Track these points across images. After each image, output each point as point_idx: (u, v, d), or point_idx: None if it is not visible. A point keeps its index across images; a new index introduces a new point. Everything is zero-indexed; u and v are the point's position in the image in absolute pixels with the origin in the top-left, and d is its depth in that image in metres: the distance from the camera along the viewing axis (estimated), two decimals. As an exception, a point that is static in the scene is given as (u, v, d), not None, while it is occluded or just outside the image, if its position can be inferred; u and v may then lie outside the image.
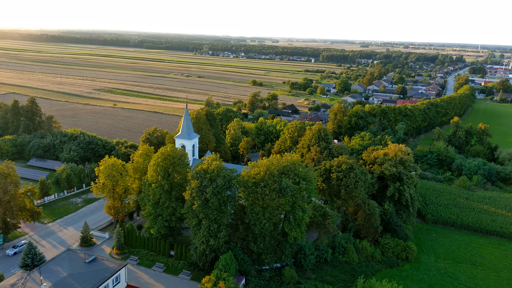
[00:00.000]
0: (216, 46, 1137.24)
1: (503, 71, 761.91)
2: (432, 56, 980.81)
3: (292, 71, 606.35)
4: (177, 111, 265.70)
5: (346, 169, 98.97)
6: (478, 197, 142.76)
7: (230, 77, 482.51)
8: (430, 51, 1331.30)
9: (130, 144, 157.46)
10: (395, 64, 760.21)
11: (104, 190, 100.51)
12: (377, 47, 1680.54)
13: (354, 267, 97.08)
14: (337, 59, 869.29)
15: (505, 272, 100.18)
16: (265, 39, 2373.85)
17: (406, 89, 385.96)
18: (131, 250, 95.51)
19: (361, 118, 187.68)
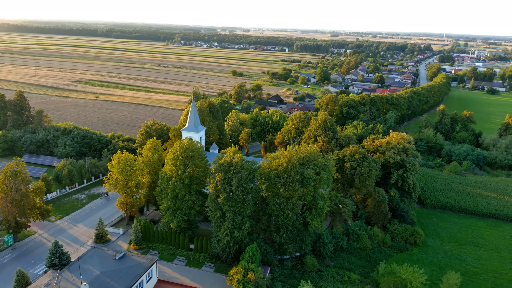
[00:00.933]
0: (188, 35, 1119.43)
1: (470, 59, 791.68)
2: (401, 45, 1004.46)
3: (268, 61, 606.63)
4: (162, 103, 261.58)
5: (359, 158, 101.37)
6: (470, 181, 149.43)
7: (208, 68, 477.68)
8: (398, 40, 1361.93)
9: (127, 138, 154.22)
10: (368, 53, 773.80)
11: (117, 185, 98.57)
12: (347, 36, 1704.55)
13: (368, 253, 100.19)
14: (311, 49, 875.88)
15: (506, 252, 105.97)
16: (235, 28, 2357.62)
17: (383, 78, 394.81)
18: (149, 245, 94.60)
19: (352, 107, 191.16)
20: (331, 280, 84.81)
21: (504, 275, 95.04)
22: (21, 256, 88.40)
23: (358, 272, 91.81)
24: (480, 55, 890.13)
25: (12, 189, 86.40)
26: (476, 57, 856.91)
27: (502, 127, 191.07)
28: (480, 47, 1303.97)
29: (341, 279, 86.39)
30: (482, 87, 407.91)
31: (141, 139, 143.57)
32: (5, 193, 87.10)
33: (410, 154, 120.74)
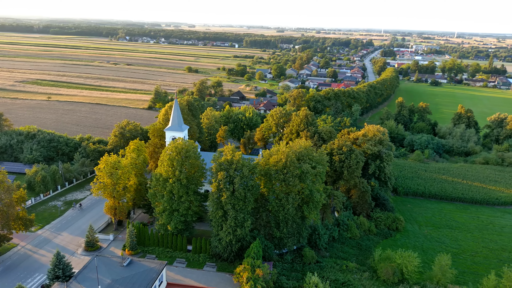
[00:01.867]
0: (132, 31, 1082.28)
1: (409, 53, 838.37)
2: (345, 41, 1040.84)
3: (221, 57, 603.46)
4: (121, 102, 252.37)
5: (347, 151, 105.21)
6: (434, 168, 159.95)
7: (161, 64, 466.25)
8: (341, 36, 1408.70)
9: (97, 140, 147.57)
10: (315, 49, 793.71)
11: (106, 190, 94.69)
12: (292, 32, 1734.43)
13: (358, 241, 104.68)
14: (260, 44, 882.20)
15: (477, 232, 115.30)
16: (180, 24, 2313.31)
17: (336, 73, 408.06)
18: (144, 249, 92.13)
19: (318, 102, 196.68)
20: (331, 270, 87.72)
21: (479, 253, 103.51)
22: (7, 271, 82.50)
23: (352, 260, 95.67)
24: (418, 49, 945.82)
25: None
26: (414, 51, 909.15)
27: (455, 117, 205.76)
28: (416, 41, 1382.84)
29: (340, 269, 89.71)
30: (425, 80, 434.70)
31: (114, 141, 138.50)
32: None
33: (385, 145, 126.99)
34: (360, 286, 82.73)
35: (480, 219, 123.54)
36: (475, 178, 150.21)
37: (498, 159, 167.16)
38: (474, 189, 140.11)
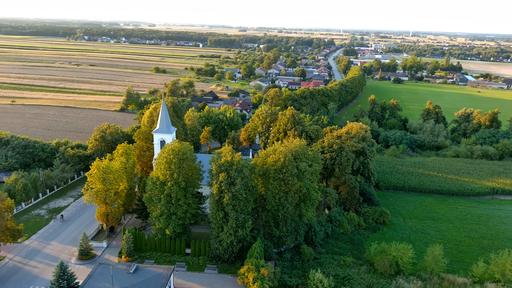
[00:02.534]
0: (90, 30, 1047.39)
1: (370, 52, 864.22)
2: (308, 40, 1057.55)
3: (187, 57, 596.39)
4: (91, 104, 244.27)
5: (337, 148, 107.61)
6: (409, 163, 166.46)
7: (126, 65, 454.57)
8: (303, 35, 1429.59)
9: (75, 144, 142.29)
10: (280, 48, 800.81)
11: (98, 196, 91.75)
12: (255, 31, 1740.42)
13: (350, 236, 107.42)
14: (224, 44, 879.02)
15: (458, 222, 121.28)
16: (140, 23, 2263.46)
17: (305, 72, 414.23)
18: (141, 255, 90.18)
19: (295, 101, 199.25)
20: (330, 266, 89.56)
21: (463, 242, 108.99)
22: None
23: (348, 255, 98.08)
24: (377, 48, 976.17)
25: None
26: (374, 49, 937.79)
27: (424, 113, 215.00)
28: (374, 40, 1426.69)
29: (338, 264, 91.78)
30: (388, 77, 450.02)
31: (94, 145, 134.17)
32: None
33: (368, 142, 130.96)
34: (359, 279, 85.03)
35: (458, 210, 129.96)
36: (449, 171, 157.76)
37: (468, 152, 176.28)
38: (449, 182, 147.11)
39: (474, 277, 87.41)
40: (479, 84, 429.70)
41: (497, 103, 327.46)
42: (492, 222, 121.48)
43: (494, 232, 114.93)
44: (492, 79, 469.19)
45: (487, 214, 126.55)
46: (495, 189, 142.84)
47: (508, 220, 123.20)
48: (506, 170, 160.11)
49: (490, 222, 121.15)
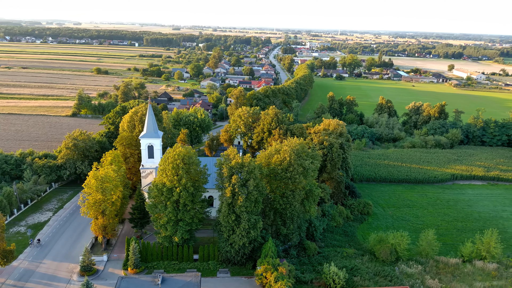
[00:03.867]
0: (12, 30, 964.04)
1: (306, 50, 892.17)
2: (245, 38, 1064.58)
3: (125, 57, 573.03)
4: (37, 110, 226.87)
5: (328, 145, 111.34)
6: (374, 155, 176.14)
7: (62, 66, 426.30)
8: (238, 34, 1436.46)
9: (43, 154, 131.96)
10: (219, 47, 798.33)
11: (95, 207, 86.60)
12: (188, 30, 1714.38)
13: (343, 229, 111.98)
14: (162, 43, 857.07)
15: (430, 208, 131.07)
16: (64, 21, 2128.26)
17: (253, 71, 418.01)
18: (148, 265, 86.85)
19: (260, 100, 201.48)
20: (335, 259, 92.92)
21: (440, 226, 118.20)
22: None
23: (346, 246, 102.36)
24: (312, 46, 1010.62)
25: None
26: (309, 48, 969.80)
27: (378, 107, 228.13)
28: (307, 39, 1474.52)
29: (342, 256, 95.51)
30: (330, 74, 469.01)
31: (66, 153, 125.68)
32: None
33: (345, 137, 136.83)
34: (365, 269, 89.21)
35: (427, 197, 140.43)
36: (411, 160, 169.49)
37: (422, 142, 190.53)
38: (414, 171, 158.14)
39: (464, 257, 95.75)
40: (412, 79, 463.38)
41: (431, 95, 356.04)
42: (459, 205, 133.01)
43: (464, 215, 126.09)
44: (422, 73, 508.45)
45: (454, 199, 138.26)
46: (454, 175, 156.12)
47: (472, 203, 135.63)
48: (460, 157, 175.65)
49: (458, 206, 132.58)
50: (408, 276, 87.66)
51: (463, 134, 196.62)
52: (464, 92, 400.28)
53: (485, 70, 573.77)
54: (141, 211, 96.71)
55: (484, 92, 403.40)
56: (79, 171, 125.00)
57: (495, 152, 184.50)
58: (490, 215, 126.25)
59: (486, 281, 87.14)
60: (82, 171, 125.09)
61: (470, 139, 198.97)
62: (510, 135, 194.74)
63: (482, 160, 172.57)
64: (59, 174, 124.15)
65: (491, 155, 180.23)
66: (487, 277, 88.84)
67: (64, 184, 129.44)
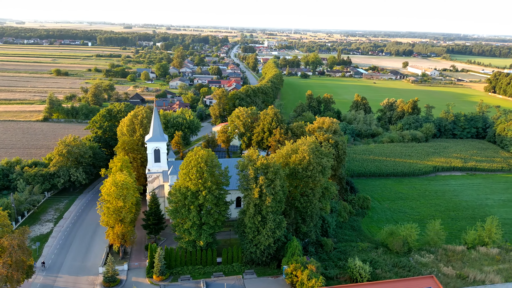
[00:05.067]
0: None
1: (265, 49, 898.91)
2: (203, 37, 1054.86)
3: (82, 57, 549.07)
4: (3, 116, 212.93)
5: (334, 143, 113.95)
6: (359, 151, 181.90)
7: (17, 68, 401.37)
8: (192, 32, 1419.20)
9: (32, 162, 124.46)
10: (178, 46, 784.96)
11: (115, 215, 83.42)
12: (141, 28, 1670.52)
13: (350, 224, 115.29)
14: (117, 42, 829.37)
15: (422, 199, 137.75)
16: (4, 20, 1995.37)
17: (221, 70, 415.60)
18: (172, 271, 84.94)
19: (242, 99, 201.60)
20: (352, 253, 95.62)
21: (436, 216, 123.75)
22: None
23: (357, 240, 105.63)
24: (270, 45, 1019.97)
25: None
26: (268, 47, 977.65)
27: (354, 104, 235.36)
28: (263, 37, 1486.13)
29: (358, 250, 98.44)
30: (295, 73, 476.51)
31: (58, 160, 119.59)
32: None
33: (338, 134, 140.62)
34: (382, 261, 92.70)
35: (416, 189, 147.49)
36: (394, 154, 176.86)
37: (400, 137, 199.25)
38: (399, 164, 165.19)
39: (468, 244, 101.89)
40: (373, 76, 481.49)
41: (393, 92, 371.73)
42: (447, 196, 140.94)
43: (453, 204, 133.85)
44: (380, 71, 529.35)
45: (440, 190, 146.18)
46: (436, 167, 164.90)
47: (457, 193, 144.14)
48: (436, 150, 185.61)
49: (446, 196, 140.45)
50: (423, 266, 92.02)
51: (436, 128, 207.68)
52: (421, 88, 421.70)
53: (436, 66, 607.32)
54: (156, 217, 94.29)
55: (440, 87, 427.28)
56: (73, 178, 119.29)
57: (467, 144, 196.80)
58: (476, 204, 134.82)
59: (493, 265, 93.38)
60: (77, 179, 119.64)
61: (442, 132, 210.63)
62: (478, 128, 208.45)
63: (457, 152, 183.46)
64: (53, 183, 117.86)
65: (464, 147, 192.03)
66: (492, 262, 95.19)
67: (57, 193, 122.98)
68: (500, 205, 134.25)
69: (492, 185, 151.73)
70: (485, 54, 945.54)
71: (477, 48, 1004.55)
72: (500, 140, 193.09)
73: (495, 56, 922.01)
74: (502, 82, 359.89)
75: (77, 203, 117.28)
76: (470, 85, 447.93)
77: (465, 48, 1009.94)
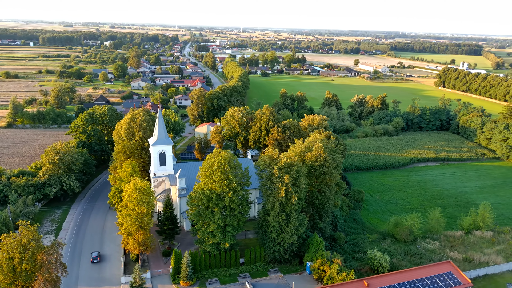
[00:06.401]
0: None
1: (218, 47, 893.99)
2: (153, 36, 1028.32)
3: (26, 58, 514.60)
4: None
5: (335, 139, 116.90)
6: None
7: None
8: (138, 31, 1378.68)
9: (18, 172, 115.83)
10: (128, 45, 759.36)
11: (136, 222, 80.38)
12: (82, 27, 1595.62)
13: (352, 217, 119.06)
14: (61, 42, 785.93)
15: (407, 190, 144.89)
16: None
17: (182, 70, 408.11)
18: (198, 276, 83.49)
19: (220, 99, 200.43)
20: (364, 245, 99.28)
21: (425, 205, 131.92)
22: None
23: (364, 232, 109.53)
24: (223, 43, 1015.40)
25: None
26: (220, 45, 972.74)
27: (325, 101, 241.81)
28: (213, 36, 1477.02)
29: (368, 241, 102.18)
30: (255, 71, 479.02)
31: (49, 169, 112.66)
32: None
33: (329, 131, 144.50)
34: (393, 250, 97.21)
35: (399, 180, 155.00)
36: (372, 148, 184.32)
37: (373, 131, 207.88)
38: (380, 158, 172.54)
39: (464, 229, 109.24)
40: (329, 74, 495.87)
41: (351, 88, 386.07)
42: (429, 185, 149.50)
43: (437, 193, 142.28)
44: (334, 68, 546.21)
45: (422, 180, 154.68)
46: (412, 158, 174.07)
47: (437, 182, 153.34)
48: (408, 142, 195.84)
49: (428, 186, 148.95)
50: (431, 252, 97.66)
51: (404, 122, 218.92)
52: (376, 84, 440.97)
53: (385, 63, 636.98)
54: (172, 222, 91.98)
55: (392, 83, 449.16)
56: (66, 187, 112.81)
57: (434, 136, 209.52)
58: (456, 191, 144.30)
59: (491, 247, 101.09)
60: (70, 187, 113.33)
61: (409, 126, 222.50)
62: (442, 120, 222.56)
63: (428, 143, 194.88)
64: (44, 192, 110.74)
65: (432, 139, 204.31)
66: (489, 244, 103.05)
67: (47, 203, 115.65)
68: (478, 192, 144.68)
69: (466, 174, 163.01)
70: (426, 51, 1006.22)
71: (418, 45, 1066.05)
72: (463, 131, 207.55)
73: (434, 53, 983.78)
74: (451, 77, 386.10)
75: (73, 213, 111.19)
76: (419, 81, 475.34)
77: (407, 46, 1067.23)
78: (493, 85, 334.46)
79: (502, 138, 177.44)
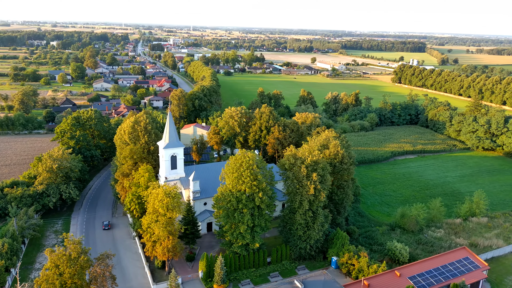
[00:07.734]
0: None
1: (173, 46, 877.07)
2: (101, 35, 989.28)
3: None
4: None
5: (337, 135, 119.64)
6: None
7: None
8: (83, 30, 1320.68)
9: (10, 182, 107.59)
10: (77, 45, 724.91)
11: (167, 228, 77.99)
12: (21, 26, 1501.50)
13: (356, 211, 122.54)
14: (3, 42, 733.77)
15: (396, 182, 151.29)
16: None
17: (144, 70, 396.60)
18: (230, 278, 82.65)
19: (201, 99, 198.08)
20: (377, 237, 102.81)
21: (417, 196, 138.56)
22: None
23: (372, 226, 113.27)
24: (176, 42, 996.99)
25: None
26: (174, 44, 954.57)
27: (301, 99, 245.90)
28: (163, 34, 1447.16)
29: (379, 234, 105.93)
30: (218, 70, 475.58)
31: (47, 177, 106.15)
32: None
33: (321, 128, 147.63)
34: (405, 240, 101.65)
35: (386, 173, 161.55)
36: (354, 144, 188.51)
37: (350, 127, 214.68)
38: (362, 152, 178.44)
39: (461, 216, 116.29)
40: (291, 72, 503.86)
41: (315, 85, 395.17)
42: (414, 177, 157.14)
43: (424, 184, 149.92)
44: (294, 66, 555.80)
45: (406, 172, 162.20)
46: (393, 152, 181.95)
47: (420, 173, 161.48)
48: (385, 137, 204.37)
49: (413, 178, 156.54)
50: (439, 240, 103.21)
51: (377, 117, 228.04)
52: (337, 81, 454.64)
53: (340, 61, 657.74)
54: (193, 225, 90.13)
55: (352, 80, 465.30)
56: (65, 196, 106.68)
57: (407, 130, 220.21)
58: (440, 181, 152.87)
59: (489, 231, 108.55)
60: (69, 196, 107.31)
61: (382, 121, 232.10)
62: (412, 115, 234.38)
63: (403, 137, 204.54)
64: (43, 203, 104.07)
65: (405, 132, 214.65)
66: (486, 229, 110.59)
67: (44, 214, 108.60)
68: (459, 181, 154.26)
69: (444, 164, 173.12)
70: (374, 49, 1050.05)
71: (366, 43, 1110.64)
72: (432, 124, 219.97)
73: (382, 50, 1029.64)
74: (407, 73, 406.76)
75: (75, 223, 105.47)
76: (376, 77, 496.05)
77: (356, 44, 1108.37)
78: (448, 80, 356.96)
79: (471, 130, 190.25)
